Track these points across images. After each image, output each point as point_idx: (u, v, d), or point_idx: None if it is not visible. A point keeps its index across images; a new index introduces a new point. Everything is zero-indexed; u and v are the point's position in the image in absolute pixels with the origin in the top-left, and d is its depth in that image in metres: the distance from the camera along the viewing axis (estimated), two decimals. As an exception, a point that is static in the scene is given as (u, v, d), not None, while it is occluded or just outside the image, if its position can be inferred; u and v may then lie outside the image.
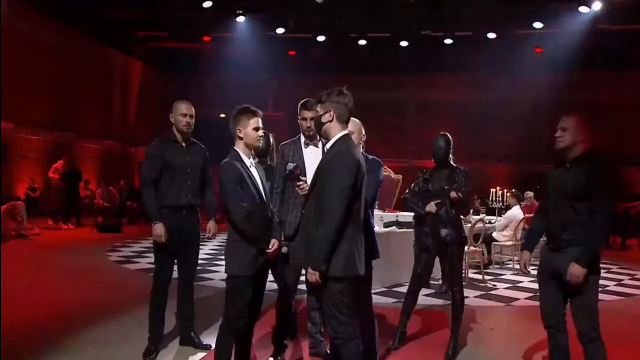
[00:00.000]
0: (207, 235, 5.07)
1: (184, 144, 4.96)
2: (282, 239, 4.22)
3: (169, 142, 4.93)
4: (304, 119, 4.65)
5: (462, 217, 5.47)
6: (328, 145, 3.65)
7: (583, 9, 14.39)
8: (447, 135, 5.35)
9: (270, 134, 5.28)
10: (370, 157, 4.47)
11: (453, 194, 5.05)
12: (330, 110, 3.59)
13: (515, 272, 10.20)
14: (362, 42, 17.05)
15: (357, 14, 15.04)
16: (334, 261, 3.41)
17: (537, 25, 15.48)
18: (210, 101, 15.94)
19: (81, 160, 17.59)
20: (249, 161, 3.96)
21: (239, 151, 3.93)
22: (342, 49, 16.38)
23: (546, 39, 16.94)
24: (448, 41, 16.65)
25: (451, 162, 5.37)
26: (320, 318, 4.76)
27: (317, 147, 4.72)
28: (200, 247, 5.34)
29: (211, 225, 5.06)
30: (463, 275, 8.05)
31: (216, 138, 5.84)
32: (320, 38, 16.65)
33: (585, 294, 3.80)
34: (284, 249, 4.32)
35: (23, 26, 15.22)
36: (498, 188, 11.54)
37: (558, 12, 15.09)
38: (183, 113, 4.89)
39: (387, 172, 8.38)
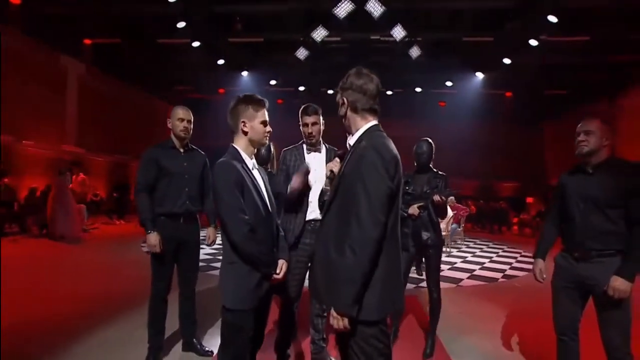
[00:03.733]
0: (206, 242, 3.19)
1: (181, 150, 3.15)
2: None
3: (166, 148, 3.14)
4: (305, 124, 2.90)
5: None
6: (351, 142, 1.84)
7: (478, 74, 13.15)
8: (429, 140, 3.60)
9: (270, 142, 3.43)
10: None
11: (437, 198, 3.37)
12: (344, 100, 1.86)
13: (446, 254, 8.61)
14: (330, 91, 15.18)
15: (326, 72, 13.41)
16: (367, 299, 1.61)
17: (448, 84, 14.08)
18: (223, 136, 14.54)
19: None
20: (251, 162, 2.11)
21: (240, 149, 2.09)
22: (315, 97, 14.64)
23: (449, 96, 15.75)
24: (389, 92, 15.05)
25: (432, 167, 3.63)
26: (323, 325, 2.96)
27: (320, 152, 2.96)
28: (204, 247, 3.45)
29: (210, 232, 3.21)
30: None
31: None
32: (301, 88, 15.09)
33: (621, 309, 2.17)
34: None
35: (94, 83, 13.84)
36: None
37: (459, 77, 13.72)
38: (180, 118, 3.10)
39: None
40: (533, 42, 9.78)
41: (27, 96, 11.12)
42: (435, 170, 3.63)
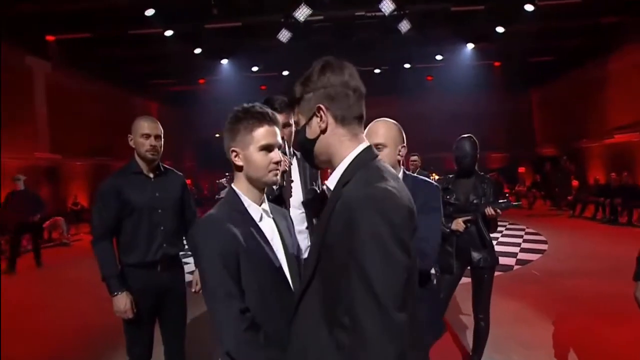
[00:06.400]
0: (193, 290, 2.08)
1: (151, 175, 2.15)
2: None
3: (128, 175, 2.11)
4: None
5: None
6: (331, 182, 0.93)
7: (469, 45, 12.27)
8: (472, 138, 2.75)
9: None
10: (419, 177, 1.69)
11: (490, 211, 2.57)
12: (320, 110, 0.94)
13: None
14: (316, 75, 14.32)
15: (311, 53, 11.98)
16: None
17: (438, 57, 13.15)
18: (206, 126, 13.77)
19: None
20: (259, 210, 1.19)
21: (239, 192, 1.19)
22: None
23: (437, 70, 14.81)
24: (377, 71, 13.97)
25: (477, 169, 2.77)
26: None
27: (292, 164, 2.04)
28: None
29: (197, 277, 2.11)
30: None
31: (218, 154, 2.72)
32: (285, 72, 13.71)
33: None
34: None
35: (63, 82, 12.33)
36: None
37: (449, 50, 12.81)
38: (145, 134, 2.08)
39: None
40: (529, 7, 8.92)
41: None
42: (481, 173, 2.79)
